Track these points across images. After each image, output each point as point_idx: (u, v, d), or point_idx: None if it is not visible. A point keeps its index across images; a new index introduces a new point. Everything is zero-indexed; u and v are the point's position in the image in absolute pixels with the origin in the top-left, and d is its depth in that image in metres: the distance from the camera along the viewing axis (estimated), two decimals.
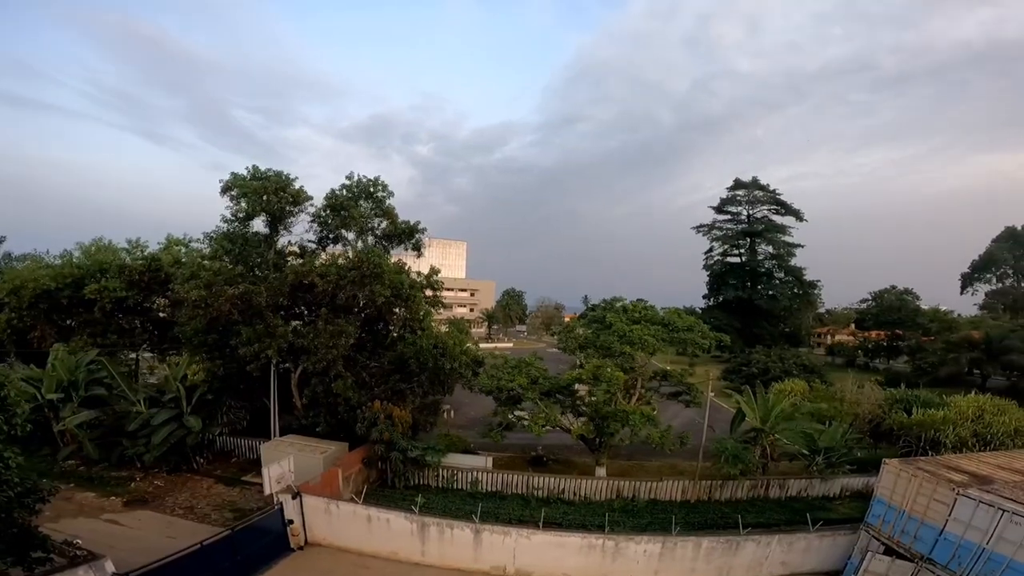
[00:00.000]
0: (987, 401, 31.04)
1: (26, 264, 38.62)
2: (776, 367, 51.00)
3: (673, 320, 29.10)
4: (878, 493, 19.91)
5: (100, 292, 30.85)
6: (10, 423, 12.79)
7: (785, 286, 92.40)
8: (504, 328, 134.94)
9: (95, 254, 35.59)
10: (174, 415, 26.61)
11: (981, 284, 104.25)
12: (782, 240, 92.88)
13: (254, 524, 19.27)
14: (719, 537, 20.25)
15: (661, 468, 30.04)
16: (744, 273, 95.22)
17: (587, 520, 22.88)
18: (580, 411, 27.66)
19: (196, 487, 25.95)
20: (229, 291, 24.38)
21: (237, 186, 26.10)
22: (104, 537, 19.77)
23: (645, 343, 27.40)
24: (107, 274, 32.22)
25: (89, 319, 32.29)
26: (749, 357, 55.82)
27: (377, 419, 25.15)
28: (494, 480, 26.65)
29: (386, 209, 28.89)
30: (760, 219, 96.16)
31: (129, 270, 32.36)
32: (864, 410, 34.91)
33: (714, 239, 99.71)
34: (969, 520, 16.15)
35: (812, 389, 39.30)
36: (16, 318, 32.34)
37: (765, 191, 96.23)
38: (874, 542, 19.18)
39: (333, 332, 25.73)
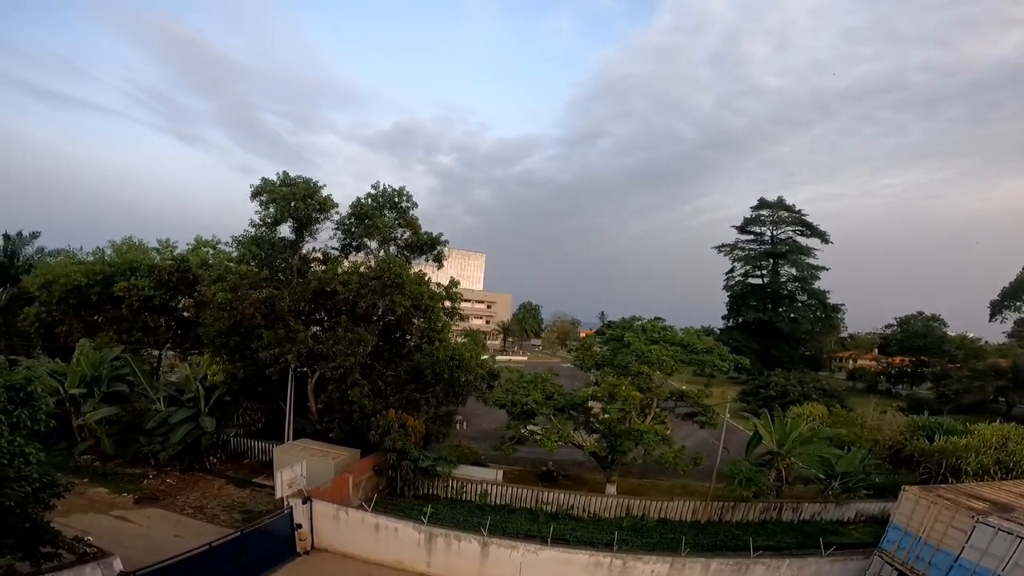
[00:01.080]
0: (1012, 430, 30.38)
1: (59, 260, 39.78)
2: (795, 390, 50.08)
3: (692, 342, 28.89)
4: (895, 519, 19.65)
5: (129, 290, 31.67)
6: (34, 419, 13.07)
7: (808, 309, 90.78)
8: (519, 341, 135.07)
9: (126, 252, 36.50)
10: (191, 414, 27.08)
11: (1010, 312, 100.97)
12: (806, 262, 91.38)
13: (263, 527, 19.47)
14: (728, 559, 20.05)
15: (672, 488, 29.71)
16: (766, 294, 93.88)
17: (595, 537, 22.71)
18: (593, 428, 27.55)
19: (207, 487, 26.24)
20: (254, 295, 24.91)
21: (267, 191, 26.75)
22: (113, 534, 20.10)
23: (663, 363, 27.25)
24: (137, 273, 33.05)
25: (116, 316, 33.12)
26: (767, 380, 54.88)
27: (391, 428, 25.29)
28: (503, 493, 26.62)
29: (409, 219, 29.37)
30: (784, 240, 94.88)
31: (159, 270, 33.16)
32: (885, 436, 34.30)
33: (736, 259, 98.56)
34: (987, 547, 16.05)
35: (832, 413, 38.66)
36: (45, 312, 33.17)
37: (790, 211, 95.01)
38: (887, 567, 18.99)
39: (352, 340, 26.02)
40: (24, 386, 12.87)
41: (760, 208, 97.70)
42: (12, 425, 12.25)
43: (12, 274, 37.60)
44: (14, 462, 11.95)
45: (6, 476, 12.03)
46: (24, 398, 12.82)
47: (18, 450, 12.10)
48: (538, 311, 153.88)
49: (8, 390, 12.42)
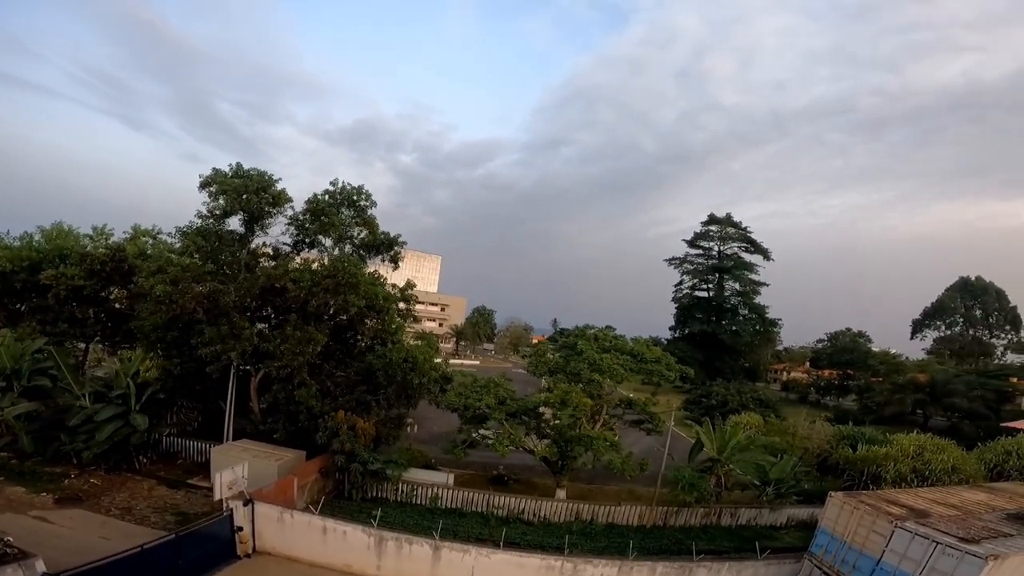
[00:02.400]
0: (927, 440, 32.42)
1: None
2: (734, 400, 52.17)
3: (642, 351, 29.72)
4: (822, 524, 20.71)
5: (57, 278, 29.60)
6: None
7: (748, 323, 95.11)
8: (472, 345, 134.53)
9: (55, 238, 34.06)
10: (120, 412, 25.39)
11: (930, 331, 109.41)
12: (749, 278, 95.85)
13: (199, 529, 18.69)
14: (672, 563, 20.62)
15: (620, 493, 30.39)
16: (711, 308, 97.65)
17: (545, 541, 23.00)
18: (545, 433, 27.84)
19: (136, 488, 24.89)
20: (196, 289, 23.78)
21: (217, 182, 25.63)
22: (31, 535, 18.77)
23: (614, 372, 27.88)
24: (67, 260, 30.94)
25: (41, 305, 30.91)
26: (709, 389, 56.92)
27: (339, 429, 24.67)
28: (454, 497, 26.56)
29: (367, 219, 28.84)
30: (730, 256, 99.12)
31: (91, 258, 31.23)
32: (814, 444, 36.27)
33: (685, 272, 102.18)
34: (904, 551, 17.04)
35: (767, 423, 40.49)
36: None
37: (737, 228, 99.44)
38: (816, 571, 19.97)
39: (301, 339, 25.24)
40: None
41: (710, 224, 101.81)
42: None
43: None
44: None
45: None
46: None
47: None
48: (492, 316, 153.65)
49: None
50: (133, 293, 31.45)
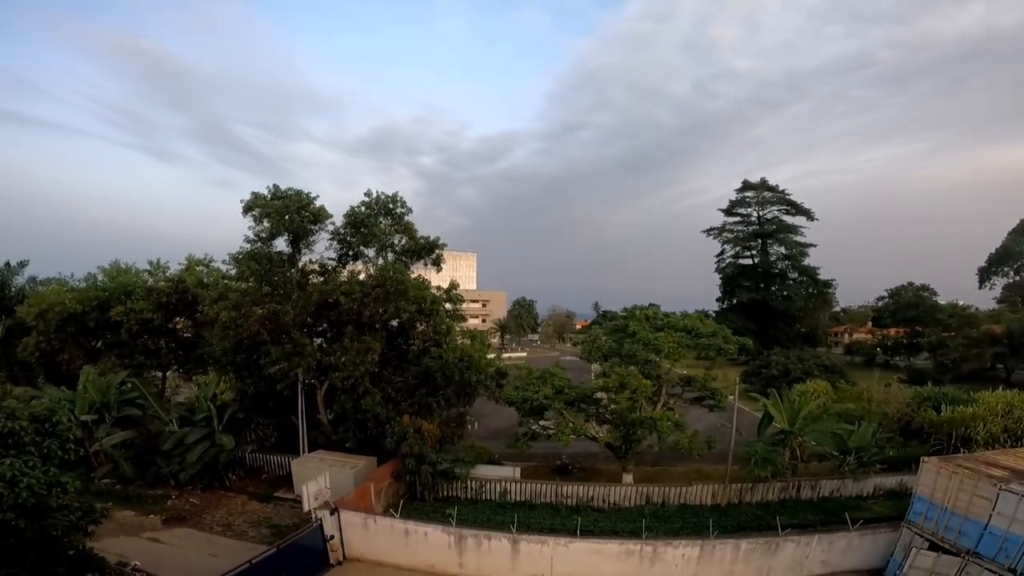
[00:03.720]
0: (1015, 396, 30.80)
1: (51, 288, 39.20)
2: (796, 368, 50.68)
3: (696, 326, 29.12)
4: (918, 491, 19.94)
5: (126, 314, 31.36)
6: (63, 448, 13.07)
7: (799, 286, 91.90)
8: (517, 338, 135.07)
9: (117, 276, 36.09)
10: (206, 433, 26.97)
11: (999, 278, 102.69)
12: (794, 240, 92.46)
13: (296, 541, 19.46)
14: (758, 538, 20.35)
15: (687, 473, 30.03)
16: (757, 275, 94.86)
17: (618, 526, 23.05)
18: (605, 419, 27.72)
19: (231, 504, 26.20)
20: (257, 311, 24.80)
21: (259, 206, 26.51)
22: (148, 556, 20.10)
23: (670, 350, 27.48)
24: (132, 296, 32.72)
25: (116, 340, 32.85)
26: (768, 359, 55.44)
27: (407, 433, 25.32)
28: (522, 490, 26.87)
29: (406, 225, 29.25)
30: (771, 220, 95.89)
31: (157, 292, 32.91)
32: (893, 409, 34.72)
33: (725, 242, 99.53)
34: (1013, 514, 16.33)
35: (837, 389, 39.09)
36: (44, 341, 32.83)
37: (774, 192, 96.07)
38: (917, 538, 19.20)
39: (360, 349, 25.99)
40: (49, 416, 12.92)
41: (744, 190, 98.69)
42: (43, 456, 12.32)
43: (5, 305, 36.98)
44: (52, 492, 11.98)
45: (47, 506, 12.06)
46: (50, 429, 12.84)
47: (54, 480, 12.11)
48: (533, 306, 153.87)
49: (33, 421, 12.46)
50: (198, 321, 33.01)
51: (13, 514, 11.38)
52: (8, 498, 11.24)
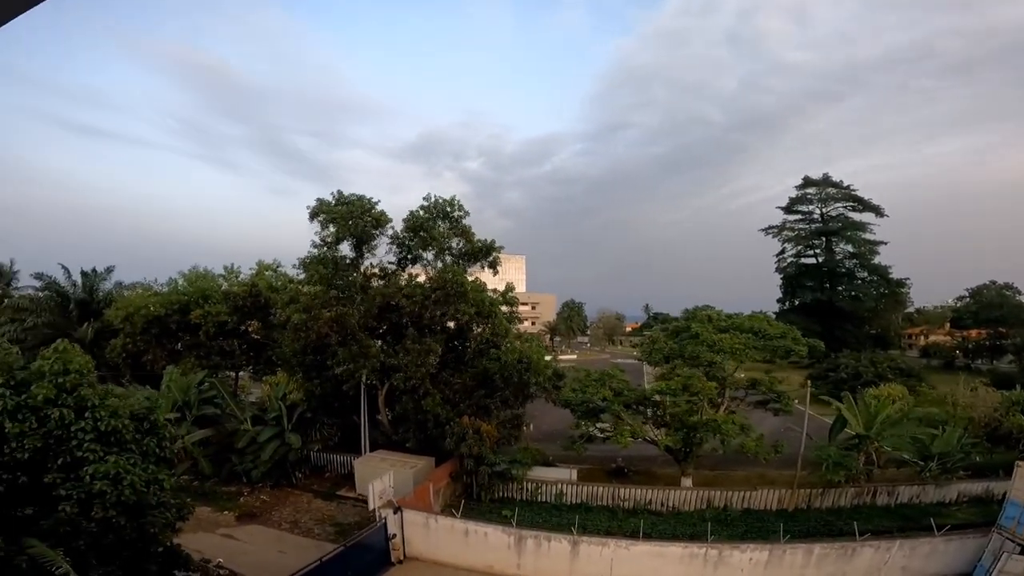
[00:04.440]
0: None
1: (135, 292, 42.05)
2: (868, 371, 47.93)
3: (763, 327, 28.14)
4: (1012, 495, 18.98)
5: (204, 317, 33.22)
6: (160, 446, 13.49)
7: (869, 286, 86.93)
8: (567, 340, 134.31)
9: (196, 281, 38.26)
10: (277, 432, 28.07)
11: None
12: (862, 238, 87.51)
13: (361, 540, 19.92)
14: (832, 543, 19.52)
15: (749, 477, 29.23)
16: (822, 274, 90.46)
17: (678, 530, 22.67)
18: (663, 422, 27.23)
19: (297, 502, 27.04)
20: (326, 314, 25.72)
21: (324, 211, 27.49)
22: (223, 552, 20.88)
23: (736, 352, 26.71)
24: (209, 300, 34.66)
25: (195, 342, 34.80)
26: (836, 361, 52.63)
27: (466, 434, 25.60)
28: (578, 492, 26.70)
29: (463, 228, 29.66)
30: (835, 217, 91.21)
31: (233, 296, 34.60)
32: (979, 414, 32.53)
33: (786, 240, 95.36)
34: None
35: (917, 394, 36.97)
36: (130, 343, 35.02)
37: (838, 187, 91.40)
38: (1008, 543, 18.18)
39: (421, 351, 26.53)
40: (147, 415, 13.41)
41: (806, 186, 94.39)
42: (142, 453, 12.70)
43: (94, 308, 39.81)
44: (150, 489, 12.30)
45: (147, 504, 12.37)
46: (148, 427, 13.32)
47: (152, 477, 12.46)
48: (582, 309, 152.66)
49: (133, 419, 12.88)
50: (271, 323, 34.64)
51: (115, 512, 11.66)
52: (111, 495, 11.53)
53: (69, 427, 11.63)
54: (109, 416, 12.04)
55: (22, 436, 11.41)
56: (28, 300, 40.02)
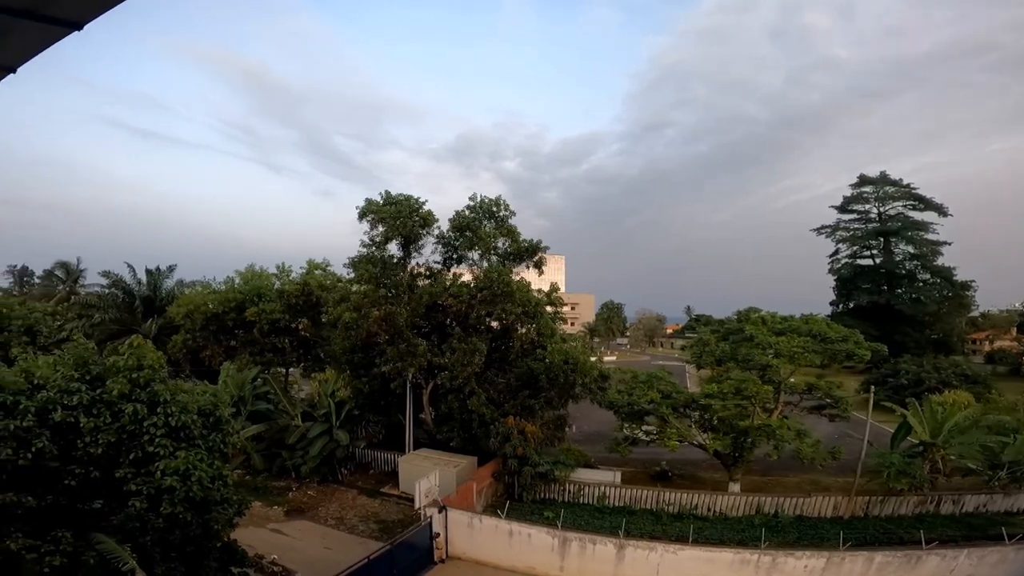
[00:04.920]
0: None
1: (195, 290, 43.90)
2: (931, 377, 45.40)
3: (823, 330, 27.12)
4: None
5: (259, 315, 34.41)
6: (224, 442, 13.54)
7: (931, 288, 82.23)
8: (606, 341, 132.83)
9: (251, 280, 39.69)
10: (325, 429, 28.64)
11: None
12: (924, 238, 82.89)
13: (408, 539, 20.09)
14: (895, 551, 18.80)
15: (801, 483, 28.46)
16: (879, 275, 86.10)
17: (725, 536, 22.31)
18: (711, 426, 26.65)
19: (343, 498, 27.44)
20: (375, 313, 26.14)
21: (373, 211, 27.88)
22: (272, 547, 21.28)
23: (794, 355, 25.84)
24: (264, 298, 35.88)
25: (249, 339, 36.12)
26: (896, 367, 50.03)
27: (511, 434, 25.69)
28: (621, 495, 26.47)
29: (508, 228, 29.70)
30: (894, 216, 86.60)
31: (287, 294, 35.54)
32: None
33: (840, 241, 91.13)
34: None
35: (985, 401, 34.91)
36: (190, 339, 36.58)
37: (897, 186, 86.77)
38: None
39: (467, 350, 26.65)
40: (212, 411, 13.47)
41: (861, 185, 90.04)
42: (208, 449, 12.78)
43: (157, 305, 41.81)
44: (215, 485, 12.34)
45: (213, 500, 12.41)
46: (213, 422, 13.43)
47: (217, 473, 12.48)
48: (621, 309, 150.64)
49: (200, 415, 12.99)
50: (317, 321, 35.62)
51: (182, 508, 11.65)
52: (180, 491, 11.53)
53: (142, 422, 11.83)
54: (180, 412, 12.19)
55: (96, 431, 11.58)
56: (96, 297, 42.27)
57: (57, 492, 11.55)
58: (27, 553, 10.37)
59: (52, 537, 10.87)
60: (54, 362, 12.53)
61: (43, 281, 73.31)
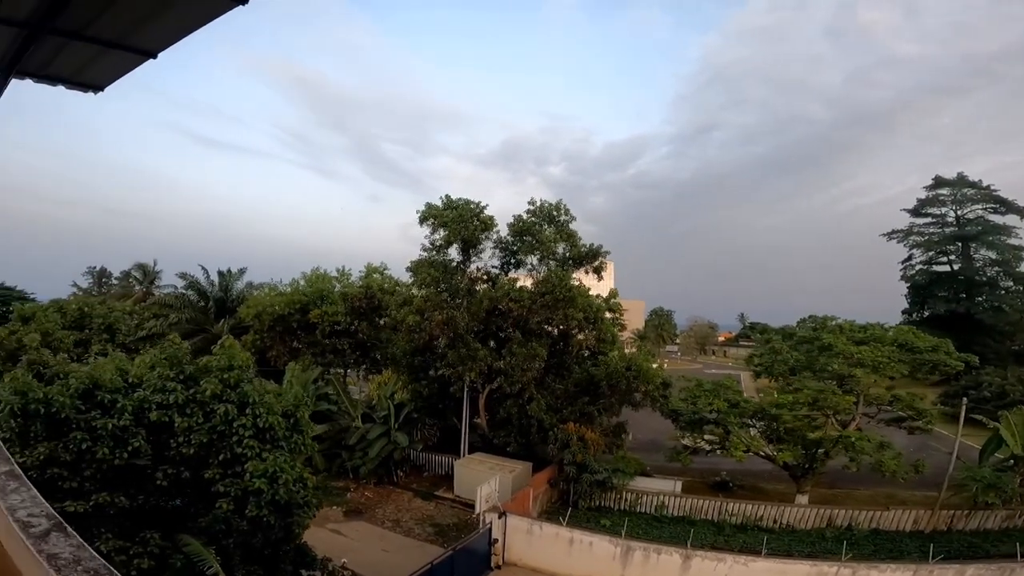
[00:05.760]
0: None
1: (262, 292, 45.38)
2: (1015, 390, 42.19)
3: (909, 340, 25.70)
4: None
5: (322, 316, 35.51)
6: (305, 444, 13.64)
7: (1014, 296, 76.29)
8: (656, 348, 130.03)
9: (315, 282, 40.83)
10: (384, 431, 28.92)
11: None
12: (1006, 243, 77.05)
13: (468, 544, 20.05)
14: (989, 564, 17.92)
15: (875, 497, 27.34)
16: (958, 283, 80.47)
17: (793, 548, 21.81)
18: (779, 436, 25.74)
19: (399, 500, 27.60)
20: (437, 316, 26.39)
21: (433, 215, 28.18)
22: (332, 548, 20.73)
23: (878, 366, 24.55)
24: (326, 300, 36.87)
25: (312, 340, 37.27)
26: (978, 379, 46.66)
27: (570, 441, 25.47)
28: (681, 505, 26.02)
29: (569, 233, 29.53)
30: (973, 220, 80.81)
31: (351, 297, 36.28)
32: None
33: (913, 246, 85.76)
34: None
35: None
36: (259, 339, 37.78)
37: (976, 187, 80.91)
38: None
39: (527, 355, 26.56)
40: (294, 412, 13.55)
41: (937, 187, 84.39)
42: (291, 451, 12.85)
43: (228, 306, 43.55)
44: (297, 487, 12.26)
45: (296, 503, 12.31)
46: (294, 423, 13.46)
47: (299, 475, 12.46)
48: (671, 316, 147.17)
49: (284, 416, 13.00)
50: (376, 324, 36.37)
51: (267, 510, 11.53)
52: (267, 494, 11.43)
53: (232, 423, 11.87)
54: (267, 413, 12.26)
55: (189, 431, 11.68)
56: (173, 297, 44.54)
57: (147, 492, 11.64)
58: (116, 555, 10.29)
59: (140, 538, 10.91)
60: (151, 361, 12.90)
61: (121, 282, 77.46)
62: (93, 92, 4.82)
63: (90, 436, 11.03)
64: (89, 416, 11.26)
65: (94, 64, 4.44)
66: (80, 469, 10.97)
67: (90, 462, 10.97)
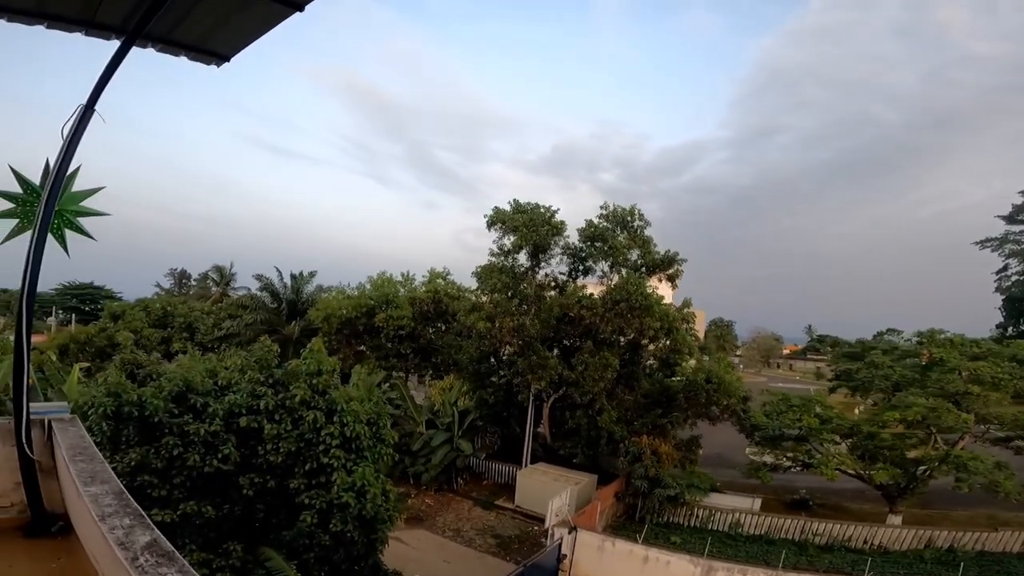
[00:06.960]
0: None
1: (332, 295, 46.49)
2: None
3: None
4: None
5: (387, 321, 35.93)
6: (387, 455, 13.18)
7: None
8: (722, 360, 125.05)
9: (381, 287, 41.32)
10: (448, 438, 28.66)
11: None
12: None
13: (539, 561, 19.42)
14: None
15: (974, 518, 25.81)
16: None
17: (888, 570, 20.80)
18: (870, 454, 24.39)
19: (459, 508, 27.14)
20: (508, 323, 25.92)
21: (502, 220, 27.70)
22: (395, 558, 20.06)
23: (999, 383, 22.47)
24: (390, 304, 37.20)
25: (376, 344, 37.76)
26: None
27: (642, 454, 24.55)
28: (758, 523, 24.84)
29: (643, 239, 28.59)
30: None
31: (419, 301, 36.36)
32: None
33: (1009, 255, 78.90)
34: None
35: None
36: (328, 342, 38.82)
37: None
38: None
39: (599, 364, 25.71)
40: (376, 420, 13.08)
41: None
42: (374, 461, 12.36)
43: (300, 308, 44.83)
44: (380, 500, 11.80)
45: (380, 518, 11.89)
46: (376, 432, 12.97)
47: (383, 488, 12.04)
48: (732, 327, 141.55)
49: (368, 424, 12.55)
50: (440, 330, 36.37)
51: (353, 526, 11.12)
52: (354, 508, 11.01)
53: (319, 431, 11.47)
54: (354, 421, 11.86)
55: (278, 438, 11.20)
56: (248, 298, 46.18)
57: (232, 501, 11.19)
58: (199, 568, 9.75)
59: (223, 550, 10.49)
60: (241, 363, 12.70)
61: (199, 283, 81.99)
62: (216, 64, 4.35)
63: (181, 442, 10.69)
64: (182, 421, 10.91)
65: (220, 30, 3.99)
66: (170, 476, 10.56)
67: (180, 469, 10.58)
